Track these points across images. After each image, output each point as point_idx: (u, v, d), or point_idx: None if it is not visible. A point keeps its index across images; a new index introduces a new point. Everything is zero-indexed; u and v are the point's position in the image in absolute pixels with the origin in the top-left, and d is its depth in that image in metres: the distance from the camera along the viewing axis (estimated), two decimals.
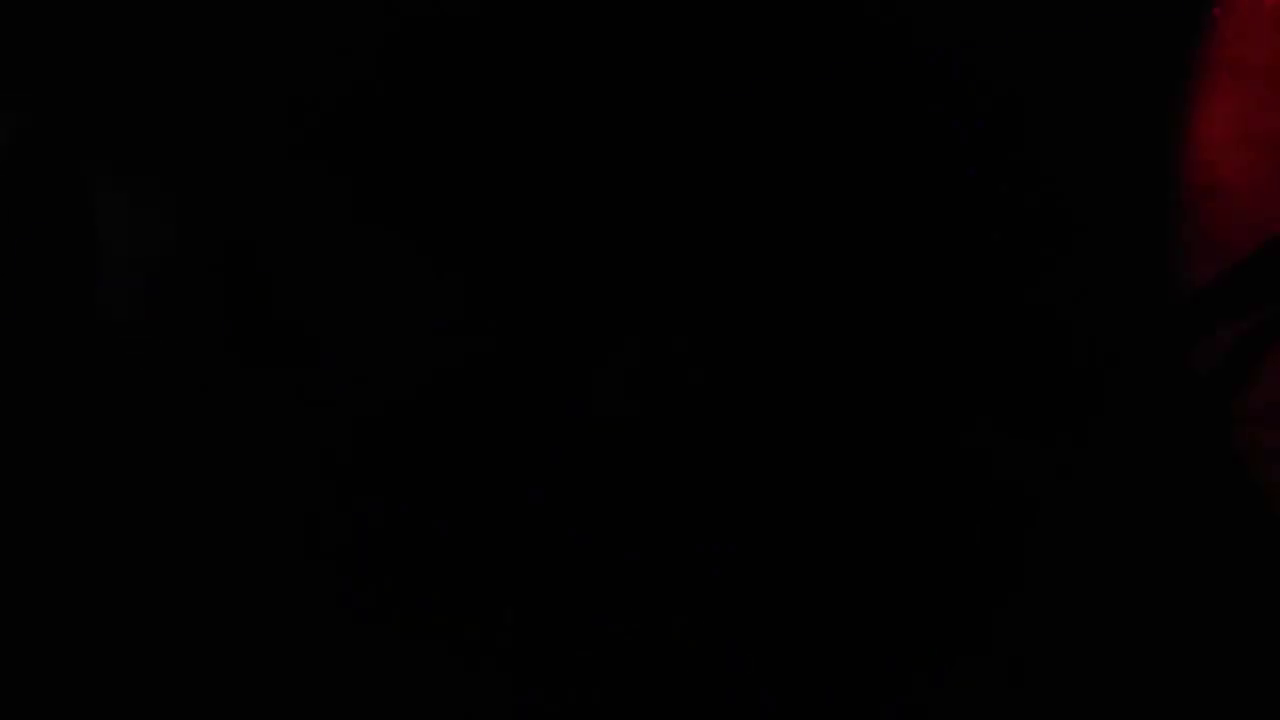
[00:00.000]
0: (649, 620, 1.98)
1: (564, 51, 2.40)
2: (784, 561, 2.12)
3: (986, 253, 2.46)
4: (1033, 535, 2.13)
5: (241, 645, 1.99)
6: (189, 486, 2.23)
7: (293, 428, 2.33)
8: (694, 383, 2.45)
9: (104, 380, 2.37)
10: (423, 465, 2.31)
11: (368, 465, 2.30)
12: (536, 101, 2.44)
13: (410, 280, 2.46)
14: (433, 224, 2.46)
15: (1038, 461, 2.31)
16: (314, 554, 2.15)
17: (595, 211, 2.46)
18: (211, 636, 2.00)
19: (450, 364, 2.44)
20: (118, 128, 2.38)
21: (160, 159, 2.40)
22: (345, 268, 2.45)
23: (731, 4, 2.40)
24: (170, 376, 2.39)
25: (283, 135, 2.41)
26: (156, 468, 2.26)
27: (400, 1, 2.38)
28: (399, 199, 2.45)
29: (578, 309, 2.47)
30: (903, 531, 2.17)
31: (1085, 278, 2.44)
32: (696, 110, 2.45)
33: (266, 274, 2.45)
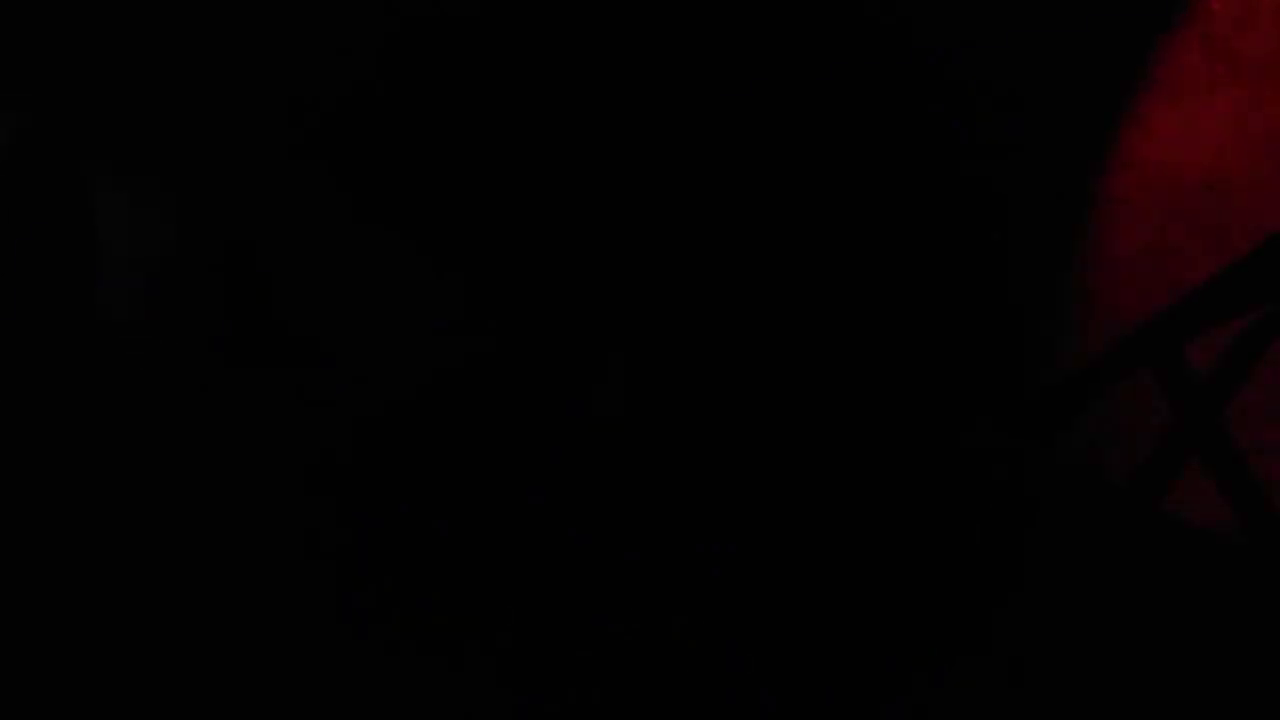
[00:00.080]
0: (649, 620, 1.98)
1: (564, 52, 2.40)
2: (784, 562, 2.11)
3: (985, 252, 2.46)
4: (1033, 535, 2.13)
5: (242, 645, 1.98)
6: (189, 486, 2.23)
7: (293, 427, 2.32)
8: (695, 384, 2.45)
9: (104, 380, 2.37)
10: (423, 465, 2.31)
11: (368, 465, 2.30)
12: (536, 102, 2.44)
13: (410, 280, 2.46)
14: (433, 224, 2.46)
15: (1038, 462, 2.31)
16: (314, 554, 2.15)
17: (594, 211, 2.46)
18: (212, 636, 2.00)
19: (450, 364, 2.44)
20: (118, 128, 2.38)
21: (160, 159, 2.40)
22: (345, 268, 2.45)
23: (732, 4, 2.40)
24: (170, 376, 2.38)
25: (283, 135, 2.41)
26: (156, 467, 2.26)
27: (400, 1, 2.38)
28: (399, 199, 2.45)
29: (577, 309, 2.46)
30: (903, 532, 2.17)
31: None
32: (696, 110, 2.45)
33: (266, 274, 2.45)
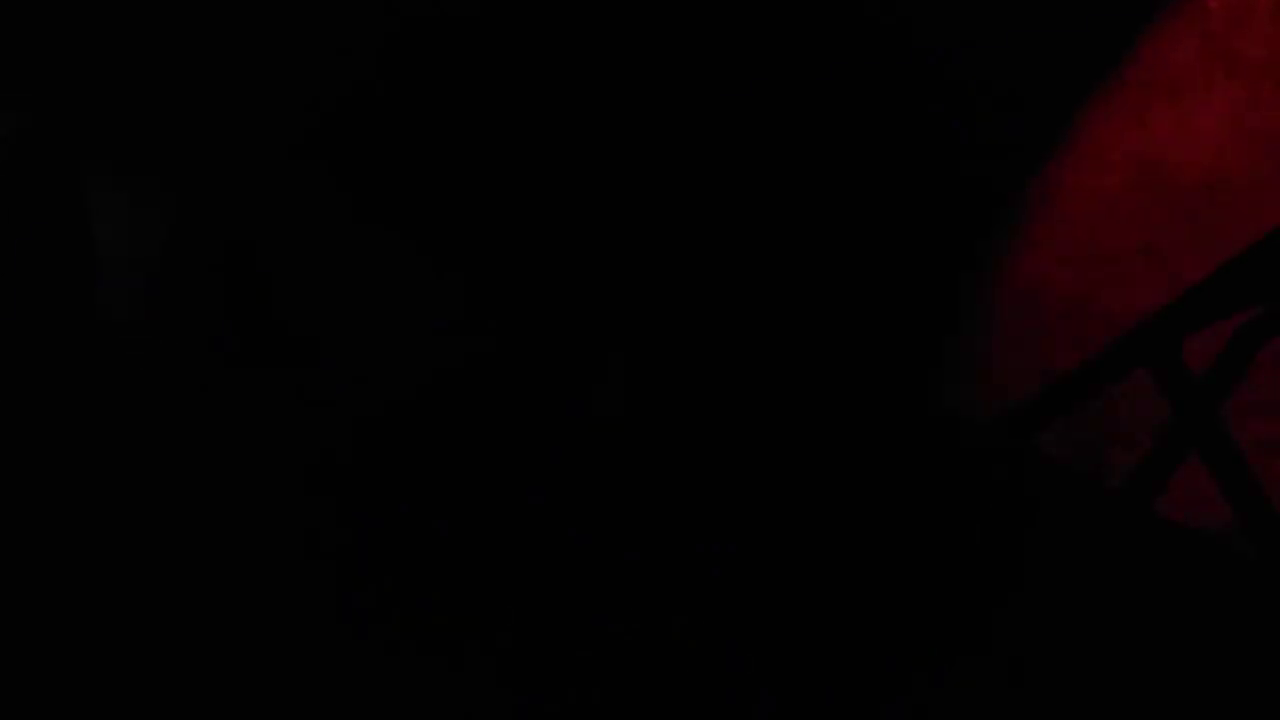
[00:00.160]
0: (649, 620, 1.98)
1: (564, 52, 2.40)
2: (784, 562, 2.12)
3: (985, 252, 2.46)
4: (1033, 535, 2.13)
5: (242, 645, 1.99)
6: (189, 486, 2.23)
7: (293, 427, 2.33)
8: (695, 384, 2.45)
9: (104, 380, 2.37)
10: (423, 465, 2.31)
11: (368, 465, 2.30)
12: (536, 102, 2.44)
13: (410, 280, 2.46)
14: (433, 224, 2.46)
15: (1038, 462, 2.31)
16: (314, 554, 2.15)
17: (594, 211, 2.46)
18: (212, 636, 2.00)
19: (450, 364, 2.44)
20: (118, 128, 2.38)
21: (160, 159, 2.40)
22: (345, 267, 2.45)
23: (732, 5, 2.40)
24: (170, 376, 2.38)
25: (283, 135, 2.41)
26: (157, 467, 2.26)
27: (400, 1, 2.38)
28: (399, 199, 2.45)
29: (577, 309, 2.46)
30: (903, 532, 2.17)
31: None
32: (696, 111, 2.45)
33: (266, 274, 2.45)
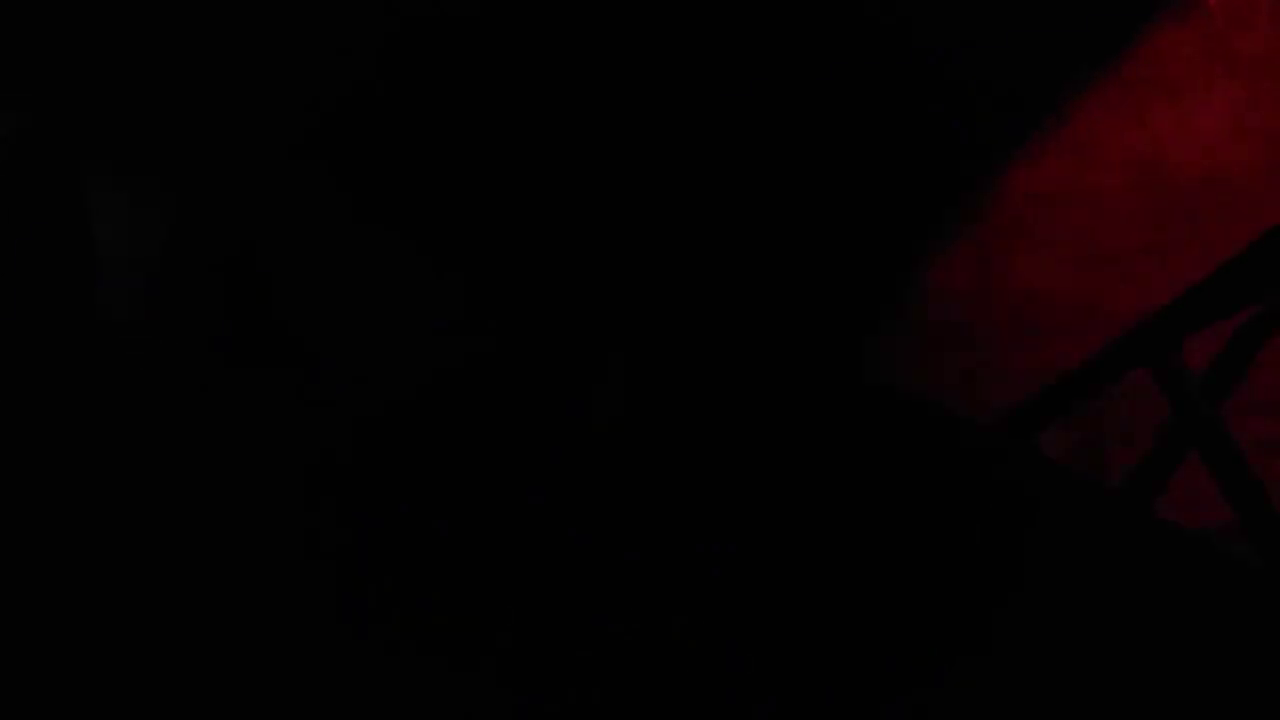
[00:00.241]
0: (649, 620, 1.98)
1: (564, 53, 2.40)
2: (784, 562, 2.12)
3: (984, 252, 2.46)
4: (1033, 535, 2.13)
5: (242, 645, 1.98)
6: (189, 485, 2.23)
7: (293, 427, 2.32)
8: (694, 384, 2.45)
9: (104, 380, 2.37)
10: (423, 466, 2.31)
11: (368, 465, 2.30)
12: (537, 102, 2.44)
13: (410, 280, 2.46)
14: (433, 224, 2.46)
15: (1038, 462, 2.31)
16: (314, 554, 2.15)
17: (593, 210, 2.46)
18: (212, 636, 2.00)
19: (450, 364, 2.44)
20: (118, 128, 2.38)
21: (160, 159, 2.40)
22: (345, 267, 2.45)
23: (733, 5, 2.40)
24: (170, 376, 2.38)
25: (283, 135, 2.41)
26: (156, 467, 2.26)
27: (400, 1, 2.38)
28: (399, 199, 2.45)
29: (577, 309, 2.46)
30: (903, 532, 2.17)
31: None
32: (697, 111, 2.45)
33: (266, 274, 2.45)
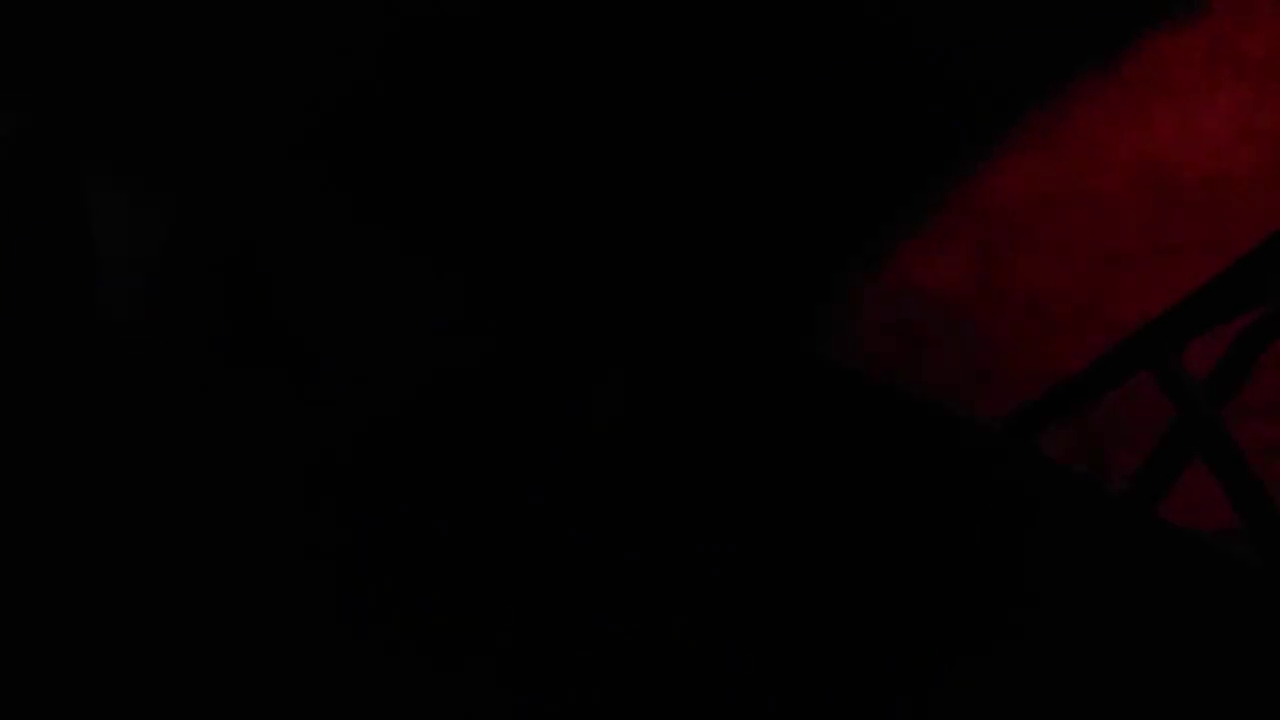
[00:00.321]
0: (649, 620, 1.98)
1: (565, 53, 2.40)
2: (784, 562, 2.12)
3: (983, 253, 2.46)
4: (1033, 535, 2.13)
5: (242, 645, 1.99)
6: (188, 485, 2.23)
7: (293, 427, 2.33)
8: (694, 384, 2.45)
9: (104, 380, 2.37)
10: (423, 466, 2.31)
11: (368, 465, 2.30)
12: (538, 102, 2.44)
13: (410, 280, 2.46)
14: (433, 225, 2.46)
15: (1038, 462, 2.31)
16: (314, 554, 2.15)
17: (594, 208, 2.46)
18: (212, 636, 2.00)
19: (450, 364, 2.44)
20: (118, 128, 2.38)
21: (160, 159, 2.40)
22: (345, 267, 2.45)
23: (733, 6, 2.41)
24: (170, 376, 2.38)
25: (283, 135, 2.41)
26: (156, 466, 2.26)
27: (400, 1, 2.38)
28: (399, 199, 2.45)
29: (578, 308, 2.46)
30: (903, 531, 2.17)
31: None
32: (697, 112, 2.45)
33: (266, 274, 2.45)
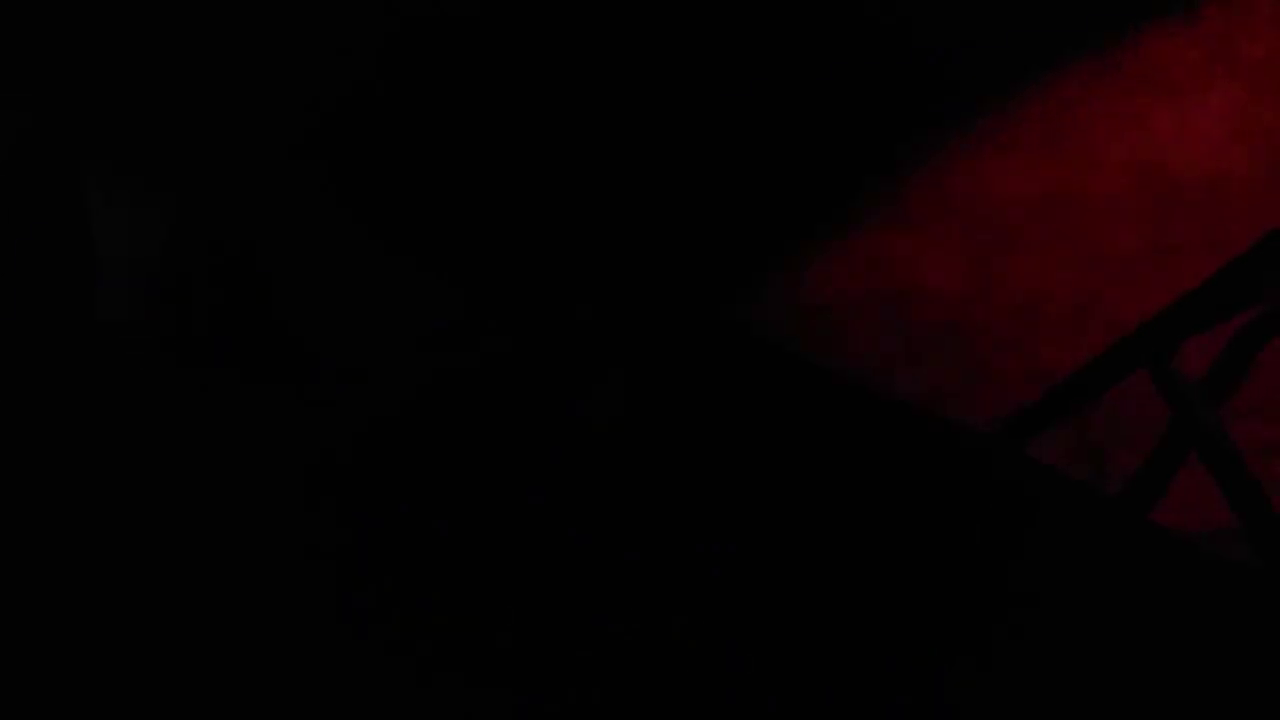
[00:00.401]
0: (649, 620, 1.98)
1: (566, 53, 2.40)
2: (784, 562, 2.12)
3: (983, 253, 2.46)
4: (1032, 536, 2.13)
5: (242, 645, 1.98)
6: (188, 486, 2.23)
7: (292, 427, 2.33)
8: (694, 384, 2.45)
9: (103, 381, 2.37)
10: (423, 466, 2.31)
11: (368, 465, 2.30)
12: (538, 102, 2.44)
13: (410, 280, 2.46)
14: (433, 224, 2.46)
15: (1037, 462, 2.31)
16: (314, 554, 2.15)
17: (594, 208, 2.46)
18: (211, 636, 2.00)
19: (450, 364, 2.44)
20: (118, 128, 2.38)
21: (160, 159, 2.40)
22: (345, 268, 2.45)
23: (732, 6, 2.41)
24: (169, 377, 2.38)
25: (283, 135, 2.41)
26: (156, 467, 2.26)
27: (400, 1, 2.38)
28: (399, 199, 2.45)
29: (578, 309, 2.46)
30: (903, 531, 2.17)
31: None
32: (697, 112, 2.45)
33: (266, 275, 2.45)
